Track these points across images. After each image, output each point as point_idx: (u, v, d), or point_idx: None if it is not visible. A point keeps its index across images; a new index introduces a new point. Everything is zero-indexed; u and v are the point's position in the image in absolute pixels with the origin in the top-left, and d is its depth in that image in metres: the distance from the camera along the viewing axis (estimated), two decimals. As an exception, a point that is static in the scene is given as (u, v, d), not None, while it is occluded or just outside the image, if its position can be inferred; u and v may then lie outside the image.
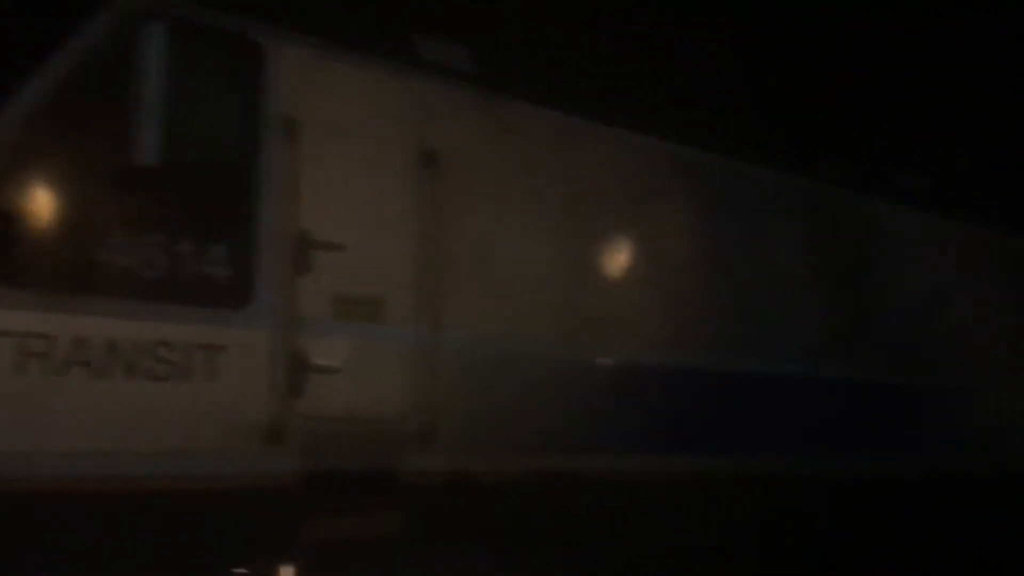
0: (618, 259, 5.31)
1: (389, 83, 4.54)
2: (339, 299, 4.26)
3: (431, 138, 4.61)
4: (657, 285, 5.44)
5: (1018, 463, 7.22)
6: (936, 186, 7.16)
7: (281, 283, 4.08)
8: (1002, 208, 7.62)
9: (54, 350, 3.43)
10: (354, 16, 4.53)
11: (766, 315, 5.95)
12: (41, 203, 3.48)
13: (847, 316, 6.38)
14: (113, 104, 3.63)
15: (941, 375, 6.92)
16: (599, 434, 5.06)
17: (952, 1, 8.27)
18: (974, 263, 7.36)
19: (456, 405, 4.54)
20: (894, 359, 6.61)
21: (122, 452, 3.57)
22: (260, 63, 4.12)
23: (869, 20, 7.61)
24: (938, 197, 7.13)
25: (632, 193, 5.39)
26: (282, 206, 4.12)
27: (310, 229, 4.16)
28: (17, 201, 3.41)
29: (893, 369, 6.60)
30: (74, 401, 3.49)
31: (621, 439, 5.12)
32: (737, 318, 5.79)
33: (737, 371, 5.74)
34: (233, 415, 3.89)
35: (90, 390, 3.51)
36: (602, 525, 5.02)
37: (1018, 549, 7.15)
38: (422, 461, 4.41)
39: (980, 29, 8.49)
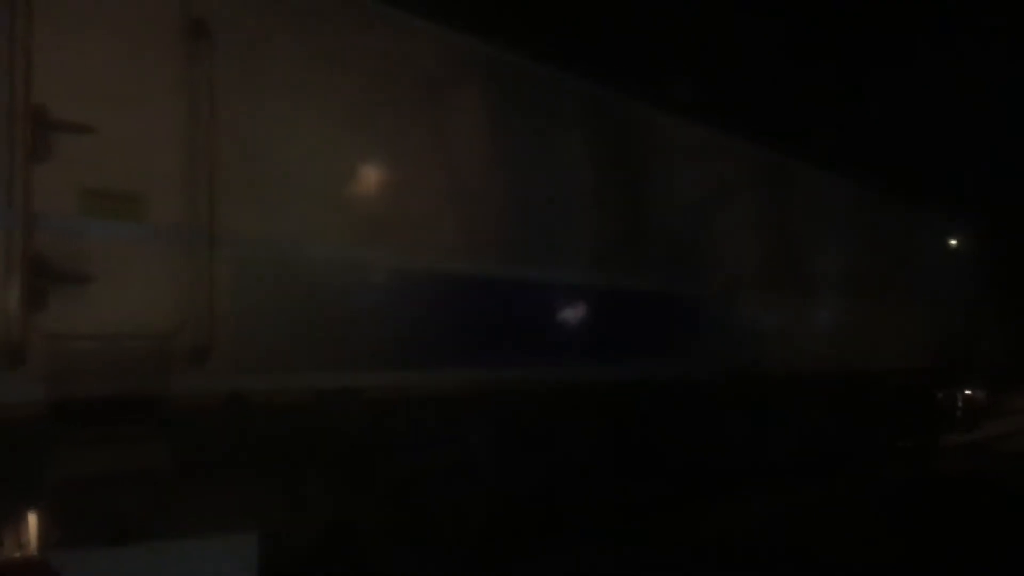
0: (410, 161, 4.87)
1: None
2: (89, 192, 3.54)
3: (199, 4, 3.90)
4: (448, 190, 5.07)
5: (771, 368, 7.64)
6: (710, 99, 7.26)
7: (11, 171, 3.32)
8: (771, 124, 7.92)
9: None
10: None
11: (551, 222, 5.75)
12: None
13: (625, 224, 6.34)
14: None
15: (708, 284, 7.12)
16: (383, 348, 4.67)
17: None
18: (741, 175, 7.60)
19: (234, 317, 3.96)
20: (667, 268, 6.69)
21: None
22: None
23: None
24: (711, 110, 7.24)
25: (427, 91, 4.95)
26: (7, 76, 3.33)
27: (47, 105, 3.40)
28: None
29: (666, 278, 6.67)
30: None
31: (404, 353, 4.76)
32: (522, 225, 5.55)
33: (522, 280, 5.52)
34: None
35: None
36: (382, 444, 4.69)
37: (779, 449, 7.69)
38: (194, 382, 3.83)
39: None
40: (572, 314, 5.80)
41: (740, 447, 7.29)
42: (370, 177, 4.68)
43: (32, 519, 3.46)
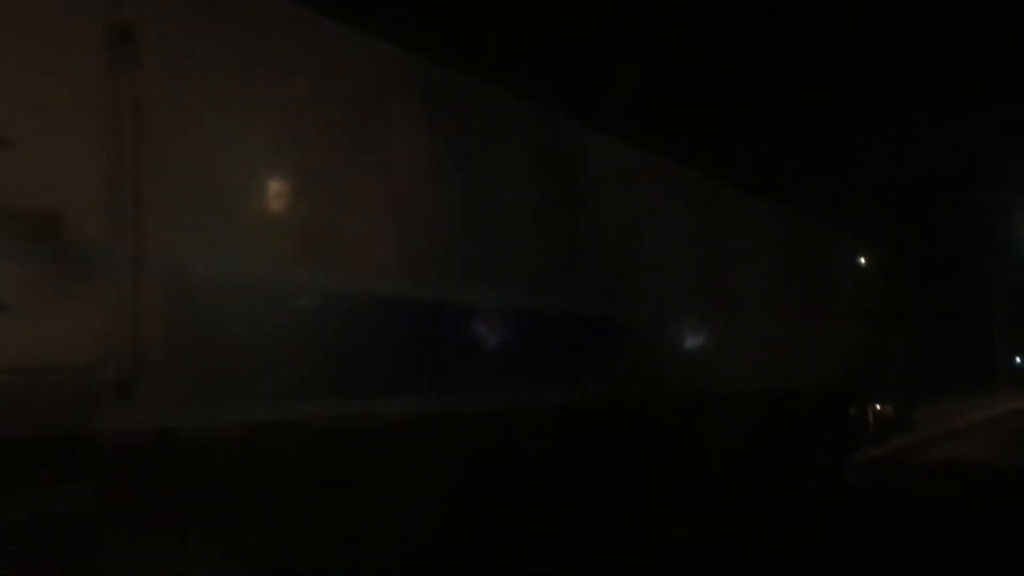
0: (347, 180, 4.64)
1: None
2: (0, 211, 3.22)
3: (125, 7, 3.61)
4: (387, 211, 4.86)
5: (703, 388, 7.64)
6: (641, 119, 7.24)
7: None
8: (697, 145, 7.95)
9: None
10: None
11: (491, 244, 5.60)
12: None
13: (564, 246, 6.25)
14: None
15: (642, 306, 7.07)
16: (325, 376, 4.43)
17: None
18: (669, 197, 7.60)
19: (163, 347, 3.66)
20: (604, 290, 6.61)
21: None
22: None
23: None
24: (642, 130, 7.22)
25: (365, 107, 4.74)
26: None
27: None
28: None
29: (601, 300, 6.59)
30: None
31: (348, 380, 4.53)
32: (462, 246, 5.38)
33: (463, 303, 5.35)
34: None
35: None
36: (324, 478, 4.43)
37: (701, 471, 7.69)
38: (120, 418, 3.51)
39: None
40: (514, 337, 5.64)
41: (671, 466, 7.26)
42: (307, 196, 4.43)
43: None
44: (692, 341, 7.73)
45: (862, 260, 12.58)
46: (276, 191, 4.26)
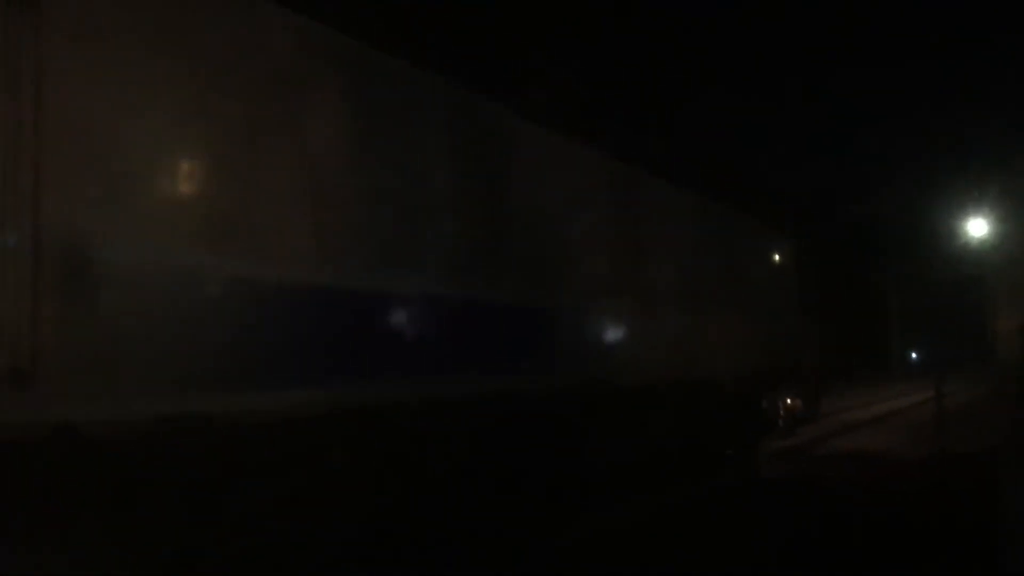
0: (260, 159, 4.40)
1: None
2: None
3: (25, -32, 3.33)
4: (303, 192, 4.64)
5: (620, 378, 7.62)
6: (566, 105, 7.14)
7: None
8: (617, 133, 7.90)
9: None
10: None
11: (410, 229, 5.42)
12: None
13: (484, 233, 6.11)
14: None
15: (563, 295, 6.99)
16: (236, 366, 4.20)
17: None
18: (591, 185, 7.54)
19: (62, 335, 3.39)
20: (524, 279, 6.50)
21: None
22: None
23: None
24: (564, 117, 7.12)
25: (282, 84, 4.51)
26: None
27: None
28: None
29: (523, 289, 6.49)
30: None
31: (255, 371, 4.31)
32: (380, 232, 5.19)
33: (380, 290, 5.16)
34: None
35: None
36: (232, 474, 4.20)
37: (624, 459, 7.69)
38: (14, 412, 3.24)
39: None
40: (432, 326, 5.48)
41: (590, 458, 7.22)
42: (217, 175, 4.19)
43: None
44: (611, 331, 7.69)
45: (774, 255, 12.80)
46: (184, 170, 4.01)
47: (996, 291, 31.47)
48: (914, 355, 39.78)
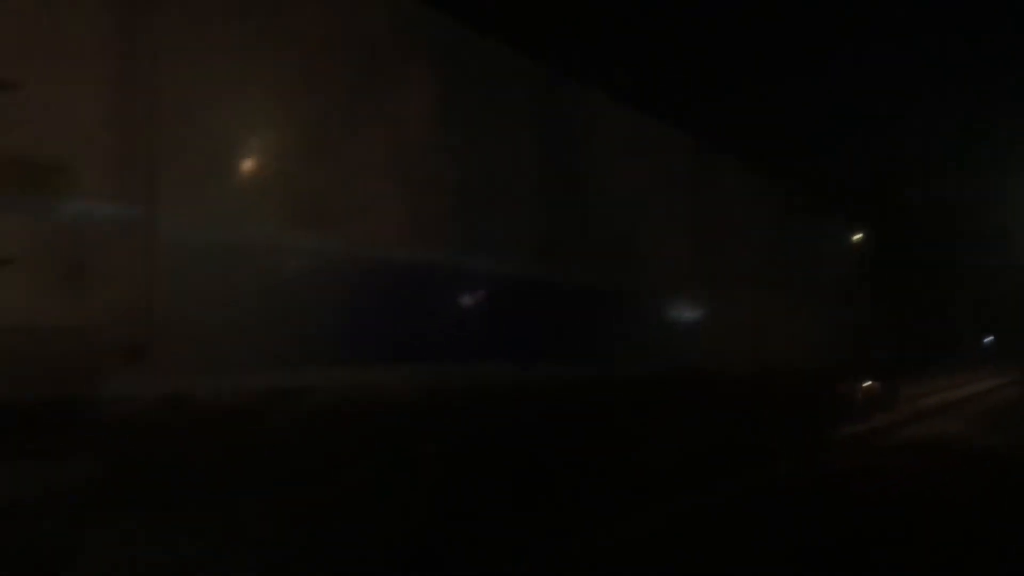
0: (359, 140, 4.42)
1: None
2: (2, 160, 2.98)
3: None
4: (398, 173, 4.65)
5: (695, 363, 7.52)
6: (645, 87, 7.06)
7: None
8: (699, 116, 7.80)
9: None
10: None
11: (500, 211, 5.40)
12: None
13: (570, 215, 6.06)
14: None
15: (644, 280, 6.92)
16: (337, 343, 4.24)
17: None
18: (668, 167, 7.43)
19: (176, 310, 3.45)
20: (608, 262, 6.44)
21: None
22: None
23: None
24: (646, 98, 7.04)
25: (376, 63, 4.51)
26: None
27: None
28: None
29: (607, 272, 6.43)
30: None
31: (359, 348, 4.35)
32: (464, 211, 5.17)
33: (473, 270, 5.16)
34: None
35: None
36: (337, 448, 4.25)
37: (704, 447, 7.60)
38: (129, 385, 3.31)
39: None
40: (524, 308, 5.46)
41: (664, 445, 7.15)
42: (316, 155, 4.21)
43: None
44: (692, 315, 7.60)
45: (849, 242, 12.56)
46: (285, 150, 4.03)
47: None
48: (986, 341, 38.79)
